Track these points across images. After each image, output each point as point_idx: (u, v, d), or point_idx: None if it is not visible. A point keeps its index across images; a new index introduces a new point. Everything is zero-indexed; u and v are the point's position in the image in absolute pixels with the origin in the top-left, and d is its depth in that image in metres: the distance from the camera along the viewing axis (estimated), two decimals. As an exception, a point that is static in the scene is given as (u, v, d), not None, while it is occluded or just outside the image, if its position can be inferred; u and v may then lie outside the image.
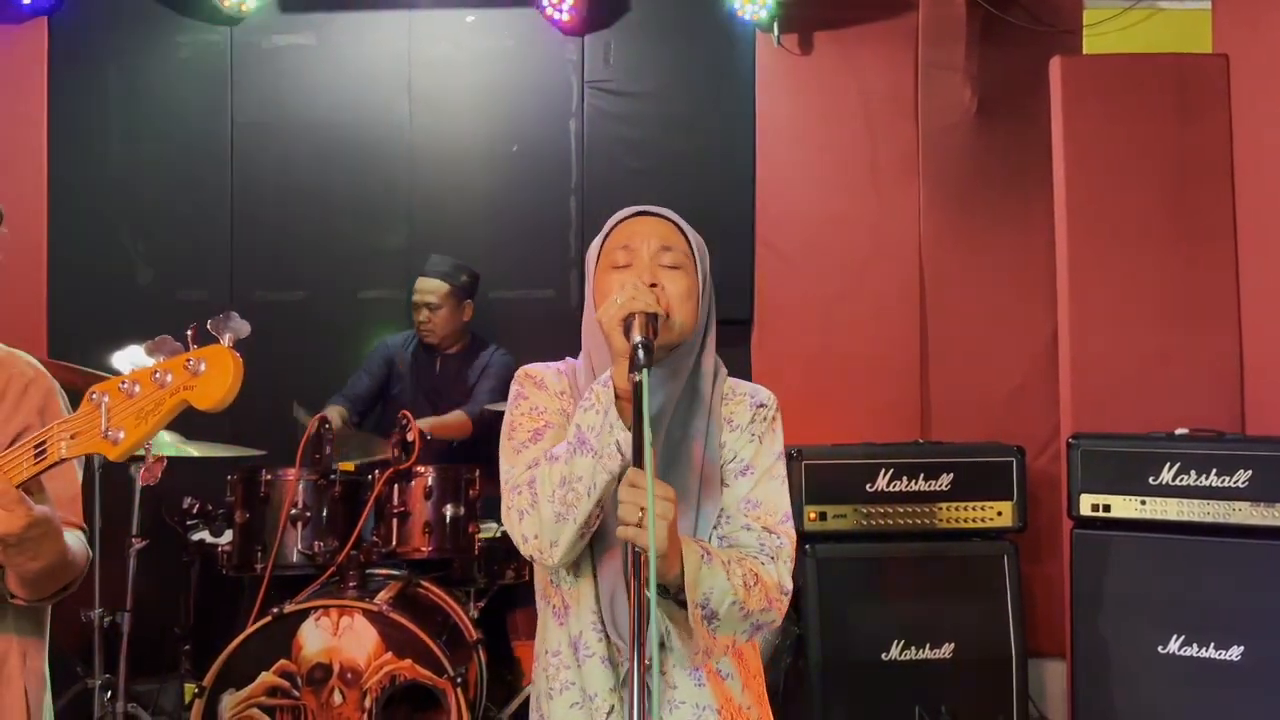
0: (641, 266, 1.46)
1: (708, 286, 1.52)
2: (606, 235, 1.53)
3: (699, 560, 1.35)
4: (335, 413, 3.48)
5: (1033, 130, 4.02)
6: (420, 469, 2.93)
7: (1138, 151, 3.90)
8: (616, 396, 1.34)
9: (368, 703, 2.59)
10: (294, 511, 2.84)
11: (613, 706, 1.44)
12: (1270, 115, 3.72)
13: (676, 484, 1.40)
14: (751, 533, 1.48)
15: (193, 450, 3.05)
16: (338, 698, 2.59)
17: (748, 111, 4.09)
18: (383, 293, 4.08)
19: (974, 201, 4.08)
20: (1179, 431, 3.26)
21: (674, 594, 1.37)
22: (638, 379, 1.26)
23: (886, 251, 4.08)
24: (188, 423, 3.23)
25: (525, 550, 1.43)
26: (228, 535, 3.00)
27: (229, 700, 2.57)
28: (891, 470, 3.38)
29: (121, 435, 1.13)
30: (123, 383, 1.14)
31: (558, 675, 1.49)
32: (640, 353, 1.29)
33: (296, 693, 2.60)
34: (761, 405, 1.54)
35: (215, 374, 1.11)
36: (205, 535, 3.24)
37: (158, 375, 1.12)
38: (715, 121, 4.11)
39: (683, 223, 1.53)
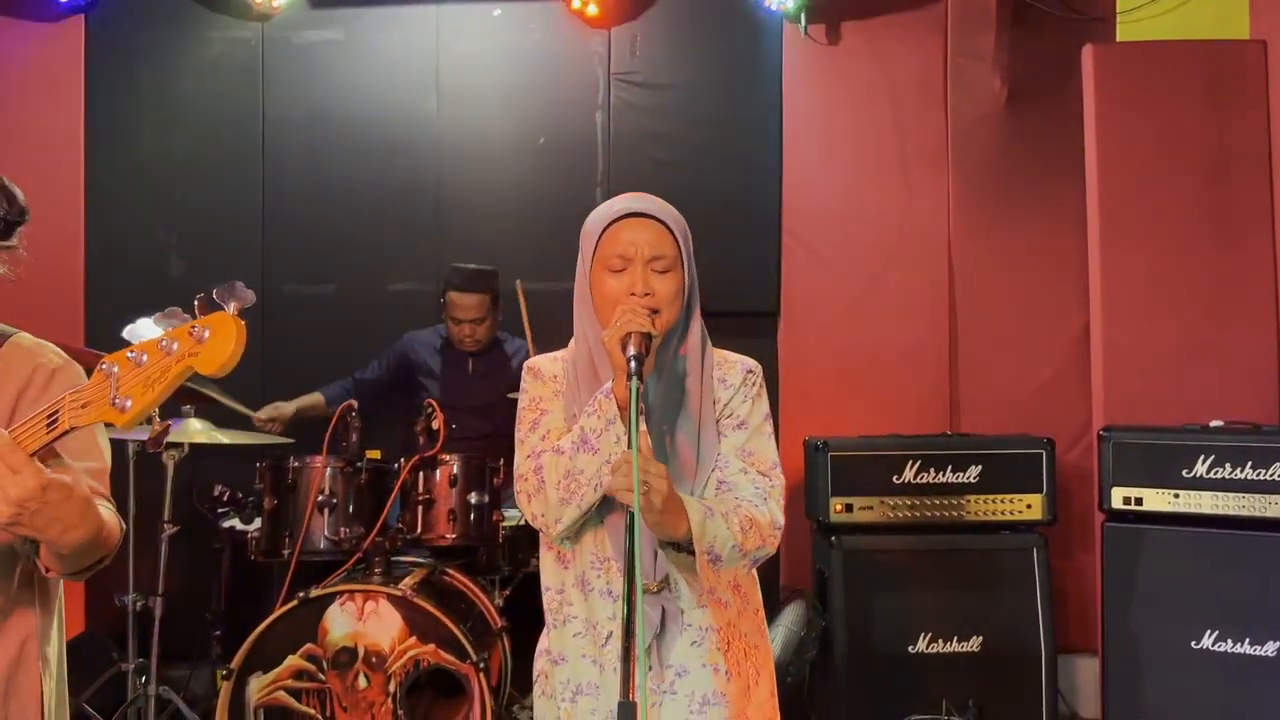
0: (635, 273, 1.66)
1: (690, 267, 1.71)
2: (602, 233, 1.69)
3: (703, 516, 1.58)
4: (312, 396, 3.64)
5: (1064, 120, 3.97)
6: (445, 457, 2.95)
7: (1172, 140, 3.84)
8: (618, 406, 1.57)
9: (392, 686, 2.61)
10: (321, 498, 2.87)
11: (610, 633, 1.66)
12: (1309, 102, 3.65)
13: (670, 468, 1.62)
14: (748, 476, 1.69)
15: (223, 438, 3.10)
16: (362, 681, 2.62)
17: (774, 103, 4.07)
18: (412, 285, 4.11)
19: (1004, 192, 4.03)
20: (1213, 424, 3.20)
21: (684, 546, 1.60)
22: (631, 388, 1.49)
23: (915, 243, 4.05)
24: (219, 412, 3.28)
25: (534, 524, 1.68)
26: (257, 522, 3.05)
27: (256, 683, 2.60)
28: (919, 462, 3.36)
29: (129, 403, 1.14)
30: (131, 352, 1.16)
31: (562, 610, 1.72)
32: (634, 365, 1.51)
33: (322, 676, 2.63)
34: (750, 371, 1.76)
35: (218, 340, 1.13)
36: (236, 522, 3.29)
37: (164, 344, 1.14)
38: (742, 113, 4.10)
39: (670, 219, 1.69)
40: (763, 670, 1.76)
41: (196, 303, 1.15)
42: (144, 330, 1.16)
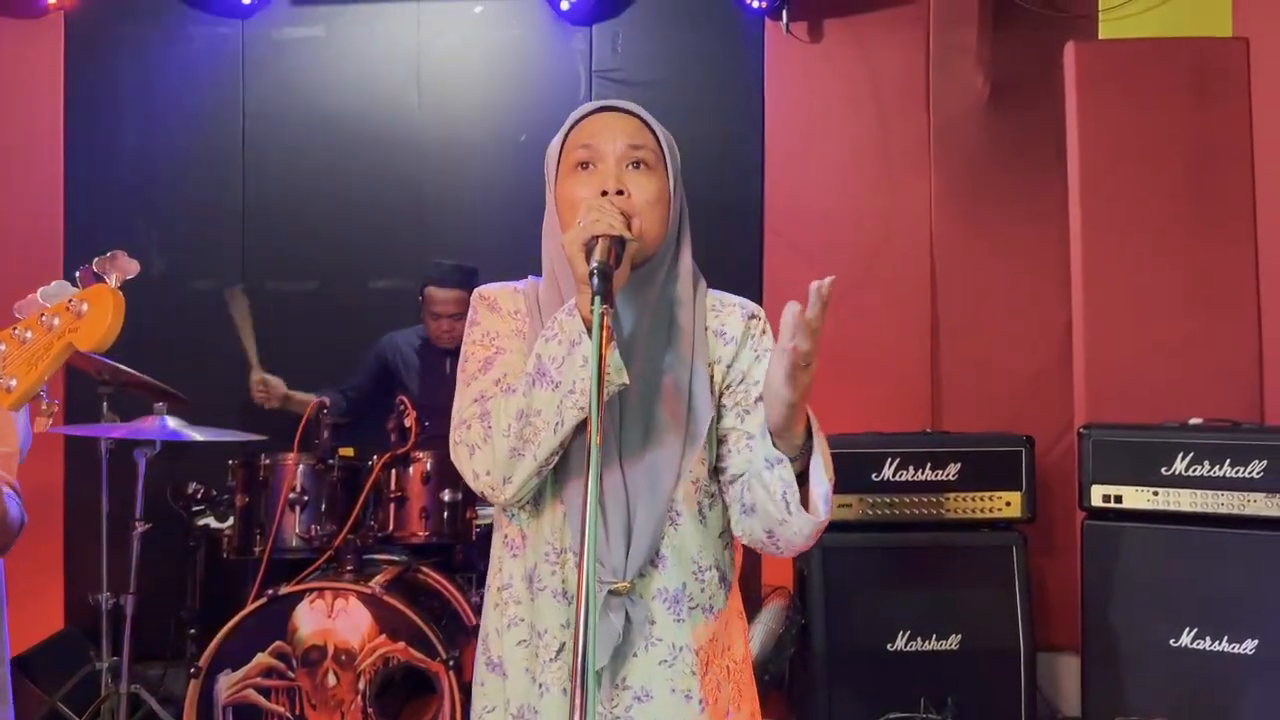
0: (606, 169, 1.37)
1: (679, 188, 1.45)
2: (567, 133, 1.43)
3: (817, 421, 1.26)
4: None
5: (1047, 117, 3.96)
6: (419, 454, 2.94)
7: (1154, 138, 3.83)
8: (584, 325, 1.25)
9: (361, 684, 2.60)
10: (292, 496, 2.86)
11: (563, 644, 1.34)
12: (1292, 99, 3.64)
13: (655, 420, 1.33)
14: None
15: (197, 435, 3.08)
16: (332, 679, 2.60)
17: (756, 100, 4.07)
18: (393, 282, 4.10)
19: (986, 189, 4.02)
20: (1192, 421, 3.19)
21: (793, 460, 1.27)
22: (594, 307, 1.18)
23: (897, 239, 4.04)
24: (193, 408, 3.27)
25: (475, 487, 1.35)
26: (231, 520, 3.03)
27: (225, 681, 2.59)
28: (898, 460, 3.34)
29: (13, 383, 1.10)
30: (15, 330, 1.12)
31: (506, 610, 1.40)
32: (597, 280, 1.20)
33: (291, 674, 2.62)
34: (754, 317, 1.45)
35: (96, 314, 1.08)
36: (210, 520, 3.28)
37: (44, 319, 1.10)
38: (724, 110, 4.09)
39: (651, 118, 1.44)
40: (745, 691, 1.46)
41: (79, 274, 1.12)
42: (30, 306, 1.13)
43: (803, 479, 1.29)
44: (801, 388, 1.21)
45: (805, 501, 1.28)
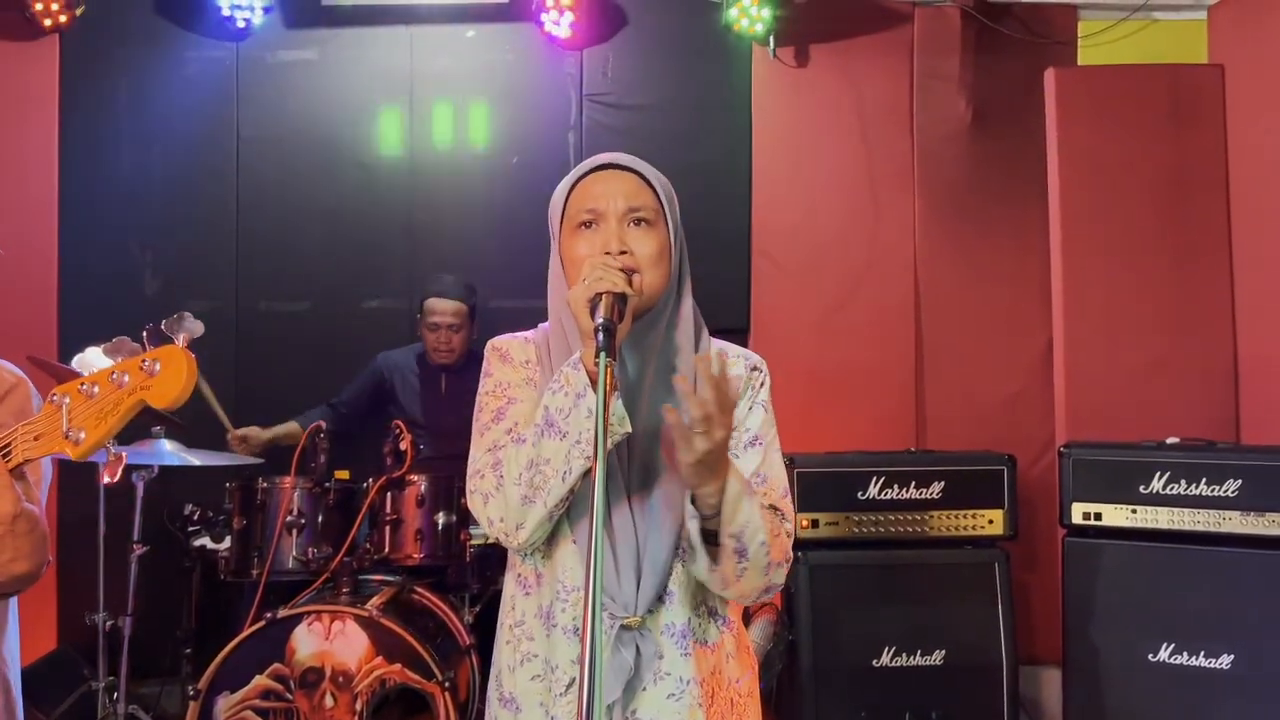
0: (609, 229, 1.42)
1: (679, 238, 1.48)
2: (570, 189, 1.48)
3: (741, 489, 1.32)
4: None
5: (1028, 141, 4.04)
6: (413, 477, 2.99)
7: (1133, 162, 3.92)
8: (589, 378, 1.31)
9: (359, 706, 2.64)
10: (289, 519, 2.90)
11: (573, 679, 1.38)
12: (1266, 125, 3.74)
13: (659, 463, 1.38)
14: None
15: (194, 459, 3.12)
16: (329, 701, 2.64)
17: (744, 124, 4.13)
18: (386, 303, 4.14)
19: (969, 212, 4.10)
20: (1170, 440, 3.27)
21: (705, 519, 1.34)
22: (600, 363, 1.23)
23: (882, 262, 4.11)
24: (190, 432, 3.31)
25: (491, 532, 1.41)
26: (228, 541, 3.07)
27: (223, 703, 2.63)
28: (883, 478, 3.41)
29: (83, 435, 1.16)
30: (83, 384, 1.18)
31: (519, 646, 1.45)
32: (601, 335, 1.26)
33: (289, 696, 2.65)
34: (755, 369, 1.51)
35: (170, 374, 1.14)
36: (206, 541, 3.31)
37: (115, 376, 1.16)
38: (712, 134, 4.15)
39: (650, 172, 1.48)
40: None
41: (145, 334, 1.17)
42: (93, 360, 1.18)
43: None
44: (697, 452, 1.25)
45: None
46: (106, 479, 1.26)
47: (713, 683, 1.44)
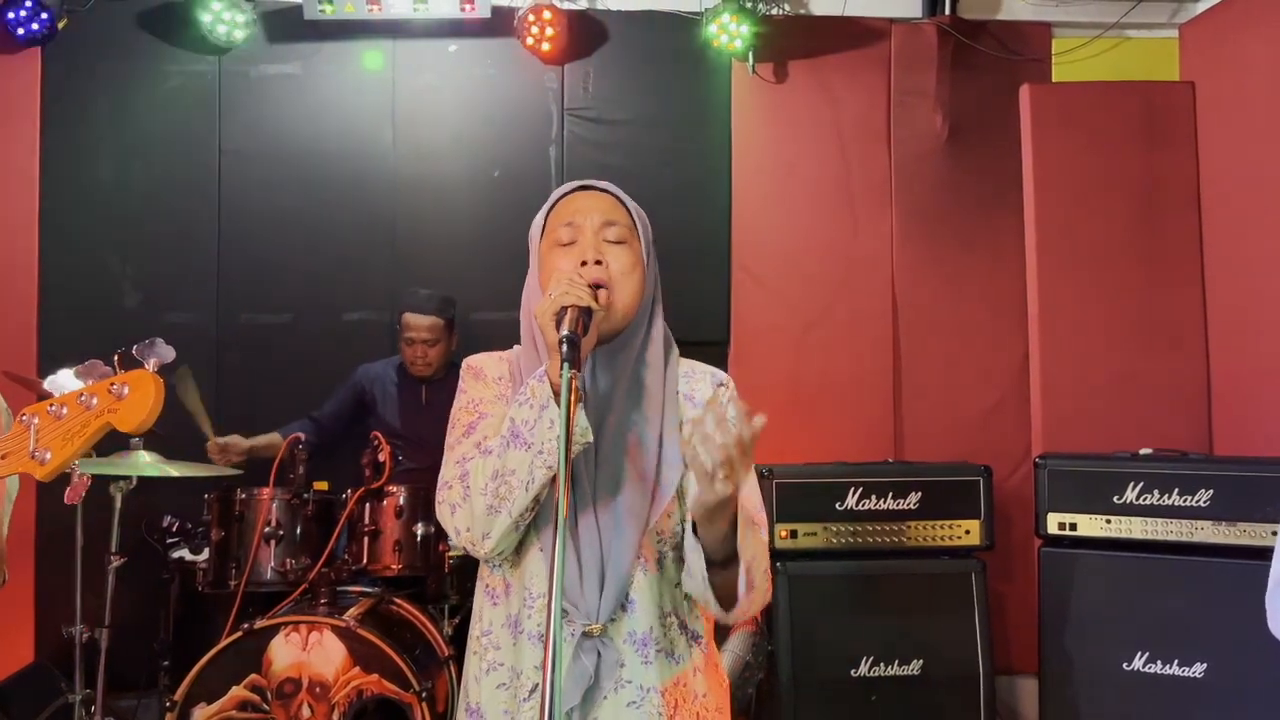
0: (585, 242, 1.49)
1: (652, 259, 1.55)
2: (549, 210, 1.56)
3: (745, 523, 1.36)
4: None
5: (1003, 156, 4.11)
6: (391, 489, 3.00)
7: (1106, 177, 3.99)
8: (553, 392, 1.34)
9: (335, 716, 2.64)
10: (268, 530, 2.90)
11: (536, 685, 1.39)
12: (1235, 141, 3.80)
13: (625, 474, 1.42)
14: None
15: (172, 470, 3.12)
16: (306, 711, 2.64)
17: (724, 138, 4.17)
18: (367, 315, 4.14)
19: (945, 226, 4.15)
20: (1143, 451, 3.31)
21: (709, 550, 1.37)
22: (563, 374, 1.27)
23: (860, 276, 4.15)
24: (169, 443, 3.30)
25: (458, 542, 1.45)
26: (206, 552, 3.06)
27: (200, 714, 2.62)
28: (861, 489, 3.44)
29: (48, 455, 1.17)
30: (51, 405, 1.19)
31: (485, 656, 1.47)
32: (565, 348, 1.30)
33: (266, 707, 2.65)
34: (721, 385, 1.55)
35: (137, 398, 1.16)
36: (185, 553, 3.31)
37: (83, 398, 1.17)
38: (692, 148, 4.19)
39: (625, 196, 1.57)
40: None
41: (116, 358, 1.18)
42: (64, 382, 1.20)
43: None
44: (720, 495, 1.28)
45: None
46: (68, 499, 1.27)
47: (676, 694, 1.45)
